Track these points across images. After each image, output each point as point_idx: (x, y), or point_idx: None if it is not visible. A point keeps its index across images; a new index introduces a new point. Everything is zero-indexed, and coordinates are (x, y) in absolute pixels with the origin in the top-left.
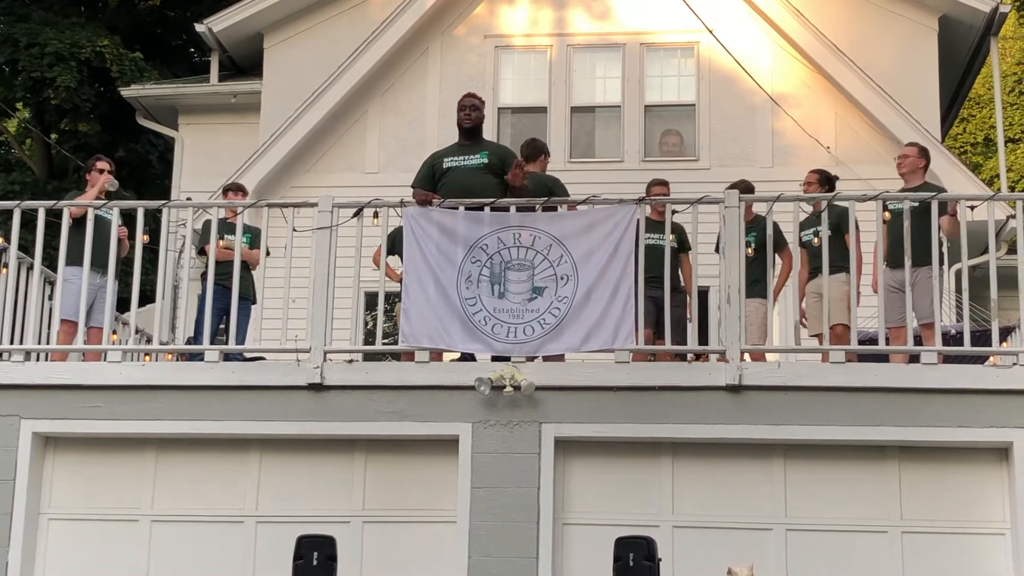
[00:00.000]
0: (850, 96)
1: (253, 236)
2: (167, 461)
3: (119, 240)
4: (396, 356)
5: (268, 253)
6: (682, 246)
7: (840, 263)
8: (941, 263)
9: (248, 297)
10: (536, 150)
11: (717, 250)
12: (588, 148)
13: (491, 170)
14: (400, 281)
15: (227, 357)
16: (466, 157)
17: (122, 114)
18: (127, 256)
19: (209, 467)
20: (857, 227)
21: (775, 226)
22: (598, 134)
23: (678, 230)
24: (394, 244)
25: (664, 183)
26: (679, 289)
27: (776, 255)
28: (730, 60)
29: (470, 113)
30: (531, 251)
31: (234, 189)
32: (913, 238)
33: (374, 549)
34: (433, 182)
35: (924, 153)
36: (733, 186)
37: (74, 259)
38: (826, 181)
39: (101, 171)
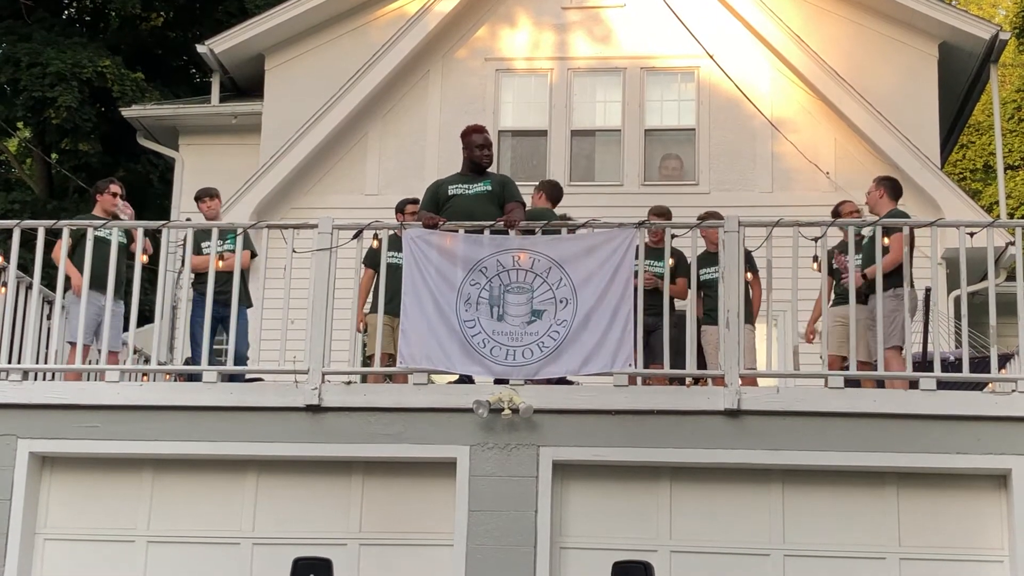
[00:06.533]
0: (849, 122)
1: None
2: (164, 482)
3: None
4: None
5: (255, 254)
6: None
7: (868, 292)
8: (906, 284)
9: (242, 302)
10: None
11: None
12: (588, 172)
13: (494, 198)
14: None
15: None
16: (469, 185)
17: (123, 134)
18: (128, 276)
19: (206, 488)
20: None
21: (747, 252)
22: (598, 158)
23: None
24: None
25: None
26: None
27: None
28: (730, 85)
29: (489, 153)
30: (530, 274)
31: (200, 197)
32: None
33: (370, 572)
34: (437, 208)
35: (881, 182)
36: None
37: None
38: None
39: (115, 194)
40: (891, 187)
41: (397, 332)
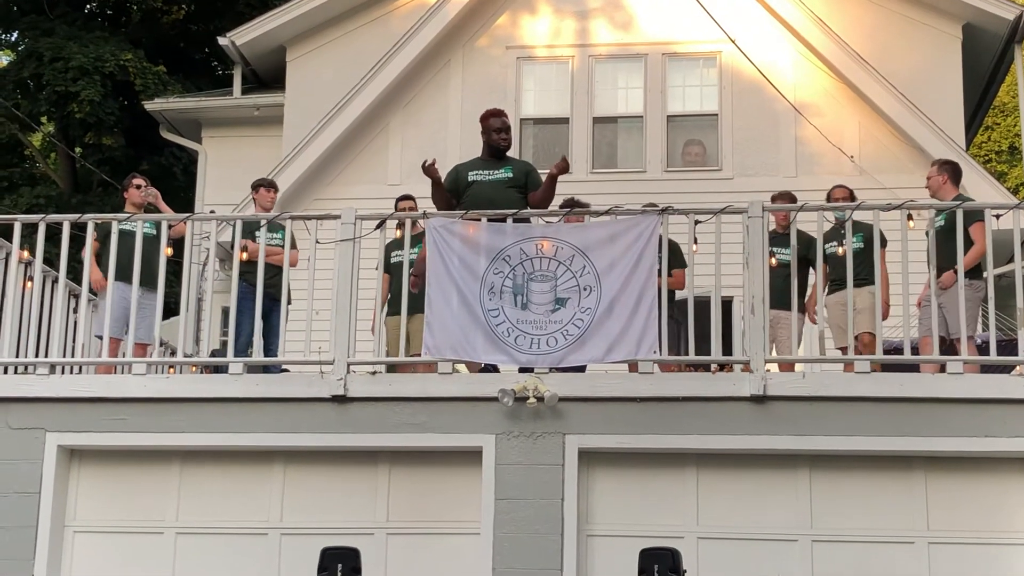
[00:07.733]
0: (873, 105)
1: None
2: (191, 473)
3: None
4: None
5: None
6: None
7: (866, 276)
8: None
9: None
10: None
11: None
12: (610, 159)
13: (515, 184)
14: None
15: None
16: (490, 172)
17: (146, 127)
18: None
19: (233, 479)
20: (884, 242)
21: (812, 240)
22: (620, 144)
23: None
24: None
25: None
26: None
27: (812, 268)
28: (753, 69)
29: (507, 136)
30: (553, 262)
31: (265, 185)
32: (940, 251)
33: (398, 561)
34: (457, 193)
35: (943, 167)
36: (777, 197)
37: (116, 274)
38: (853, 199)
39: (138, 187)
40: (953, 171)
41: (408, 328)
